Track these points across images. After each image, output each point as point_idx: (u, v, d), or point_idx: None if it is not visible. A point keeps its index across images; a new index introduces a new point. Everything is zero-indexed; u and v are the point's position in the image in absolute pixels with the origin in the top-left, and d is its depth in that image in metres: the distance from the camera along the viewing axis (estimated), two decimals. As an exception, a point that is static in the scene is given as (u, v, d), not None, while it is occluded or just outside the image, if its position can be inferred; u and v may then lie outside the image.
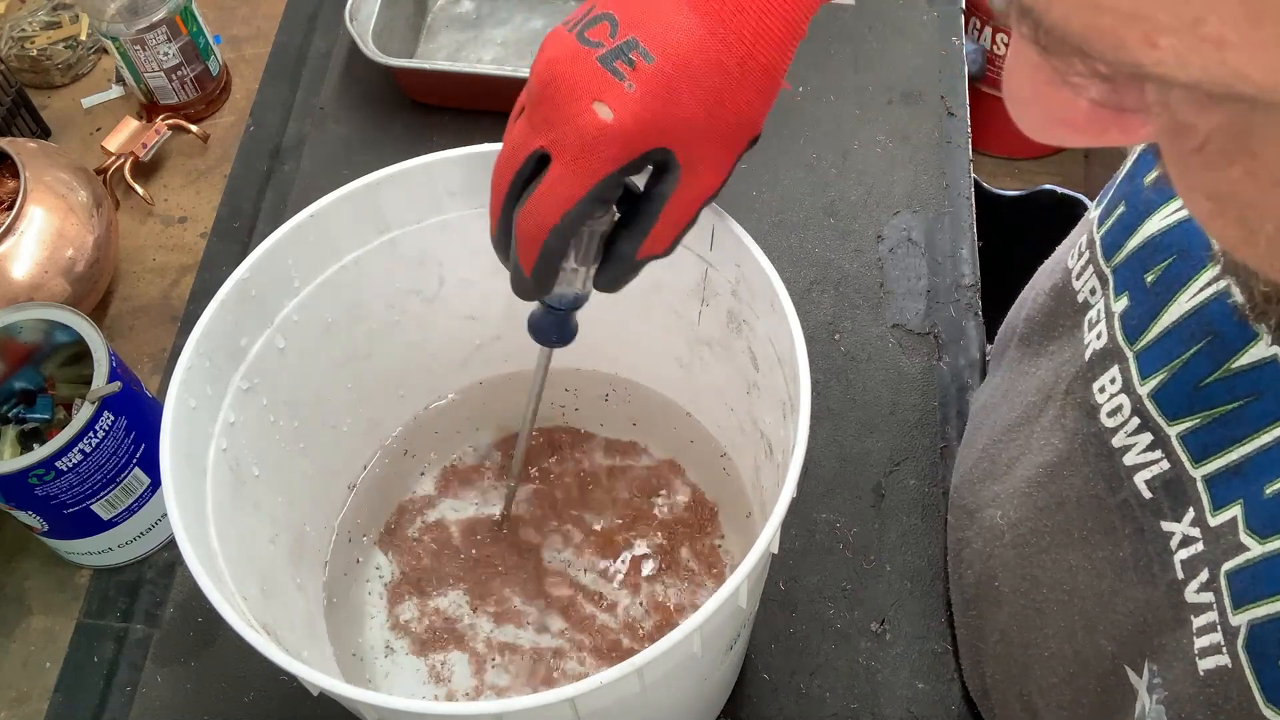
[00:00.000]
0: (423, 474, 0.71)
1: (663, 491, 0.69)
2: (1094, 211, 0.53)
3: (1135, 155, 0.50)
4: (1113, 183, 0.51)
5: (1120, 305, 0.47)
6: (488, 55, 0.94)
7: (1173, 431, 0.43)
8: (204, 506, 0.52)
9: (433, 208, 0.61)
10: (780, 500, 0.46)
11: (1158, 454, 0.44)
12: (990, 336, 0.75)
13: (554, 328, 0.55)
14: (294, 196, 0.87)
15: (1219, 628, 0.39)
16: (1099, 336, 0.49)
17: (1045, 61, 0.22)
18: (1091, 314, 0.50)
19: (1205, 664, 0.40)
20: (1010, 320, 0.65)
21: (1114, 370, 0.47)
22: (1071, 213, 1.30)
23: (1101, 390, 0.48)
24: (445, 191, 0.60)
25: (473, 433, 0.72)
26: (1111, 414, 0.47)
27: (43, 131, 0.92)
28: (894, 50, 0.93)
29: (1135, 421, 0.45)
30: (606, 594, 0.66)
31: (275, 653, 0.44)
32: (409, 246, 0.62)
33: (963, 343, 0.78)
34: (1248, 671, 0.38)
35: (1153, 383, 0.45)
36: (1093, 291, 0.51)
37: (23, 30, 0.95)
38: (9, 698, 0.68)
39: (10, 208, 0.75)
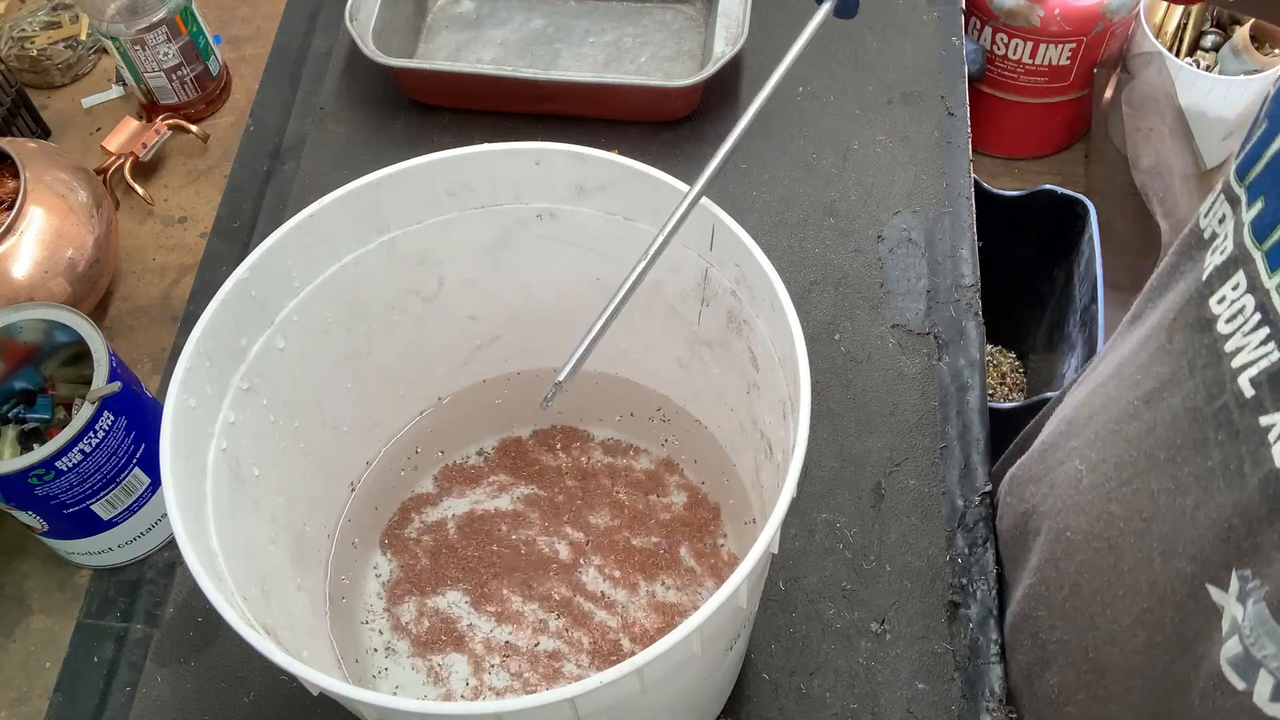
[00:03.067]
0: (423, 474, 0.71)
1: (662, 491, 0.69)
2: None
3: (1278, 85, 0.50)
4: (1255, 120, 0.52)
5: (1252, 213, 0.48)
6: (488, 55, 0.94)
7: None
8: (204, 506, 0.52)
9: (433, 208, 0.61)
10: (780, 500, 0.46)
11: (1270, 347, 0.45)
12: (990, 336, 0.75)
13: None
14: (294, 196, 0.87)
15: None
16: (1222, 253, 0.49)
17: None
18: (1216, 242, 0.51)
19: None
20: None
21: (1238, 276, 0.48)
22: (1071, 212, 1.29)
23: (1221, 300, 0.49)
24: (445, 191, 0.60)
25: (473, 433, 0.72)
26: (1230, 319, 0.48)
27: (43, 131, 0.92)
28: (894, 50, 0.93)
29: (1256, 318, 0.46)
30: (606, 594, 0.66)
31: (275, 653, 0.44)
32: (409, 246, 0.62)
33: (963, 343, 0.78)
34: None
35: None
36: (1220, 220, 0.51)
37: (23, 30, 0.95)
38: (9, 698, 0.68)
39: (10, 208, 0.75)
